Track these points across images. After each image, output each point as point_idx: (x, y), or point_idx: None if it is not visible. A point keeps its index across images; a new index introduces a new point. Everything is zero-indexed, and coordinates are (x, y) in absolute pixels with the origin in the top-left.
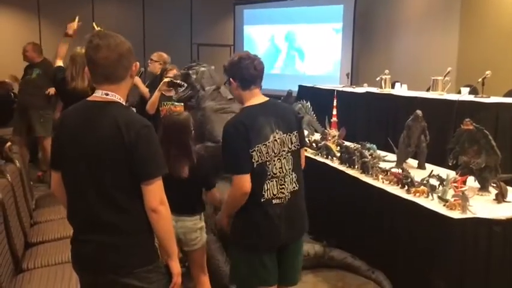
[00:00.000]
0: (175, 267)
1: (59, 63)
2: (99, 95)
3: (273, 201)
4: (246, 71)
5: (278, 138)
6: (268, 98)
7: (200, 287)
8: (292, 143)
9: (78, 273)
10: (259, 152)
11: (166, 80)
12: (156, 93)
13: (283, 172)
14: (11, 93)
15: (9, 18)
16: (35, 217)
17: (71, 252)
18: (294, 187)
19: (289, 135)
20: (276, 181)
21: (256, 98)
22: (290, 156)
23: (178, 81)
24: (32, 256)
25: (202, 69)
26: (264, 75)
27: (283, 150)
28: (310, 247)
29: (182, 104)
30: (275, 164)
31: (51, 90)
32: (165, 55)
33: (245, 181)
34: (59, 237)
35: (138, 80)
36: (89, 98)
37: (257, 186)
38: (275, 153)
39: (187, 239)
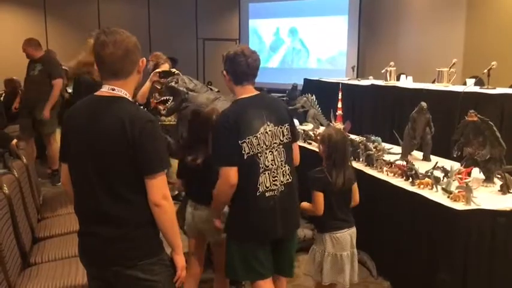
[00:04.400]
0: (180, 260)
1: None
2: (105, 90)
3: (266, 194)
4: (239, 68)
5: (269, 131)
6: (259, 92)
7: (220, 283)
8: (283, 136)
9: (85, 265)
10: (250, 144)
11: (157, 70)
12: (147, 84)
13: (275, 164)
14: (18, 91)
15: (15, 16)
16: (42, 212)
17: (78, 245)
18: (288, 179)
19: (281, 128)
20: (268, 173)
21: (248, 92)
22: (282, 149)
23: (172, 71)
24: (39, 251)
25: (181, 76)
26: (268, 69)
27: (275, 143)
28: (299, 230)
29: None
30: (267, 157)
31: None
32: (158, 53)
33: (231, 173)
34: (66, 232)
35: (147, 85)
36: (95, 93)
37: (251, 179)
38: (267, 146)
39: (212, 227)
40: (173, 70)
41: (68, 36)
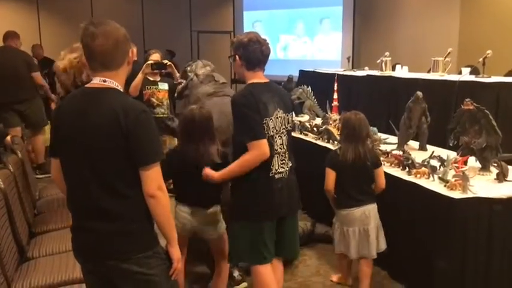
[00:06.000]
0: (175, 253)
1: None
2: (96, 81)
3: (276, 176)
4: (253, 55)
5: (279, 116)
6: (268, 80)
7: (220, 271)
8: (288, 123)
9: (79, 260)
10: (267, 126)
11: (149, 62)
12: (140, 76)
13: (283, 148)
14: None
15: (8, 11)
16: (38, 207)
17: (71, 240)
18: (290, 163)
19: (287, 115)
20: (277, 157)
21: (259, 78)
22: (286, 135)
23: (164, 62)
24: (36, 245)
25: (197, 61)
26: None
27: (283, 128)
28: (301, 224)
29: (166, 88)
30: (276, 141)
31: None
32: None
33: (265, 145)
34: (63, 226)
35: (140, 77)
36: (86, 85)
37: (265, 161)
38: (277, 131)
39: (211, 226)
40: (165, 61)
41: (61, 30)
